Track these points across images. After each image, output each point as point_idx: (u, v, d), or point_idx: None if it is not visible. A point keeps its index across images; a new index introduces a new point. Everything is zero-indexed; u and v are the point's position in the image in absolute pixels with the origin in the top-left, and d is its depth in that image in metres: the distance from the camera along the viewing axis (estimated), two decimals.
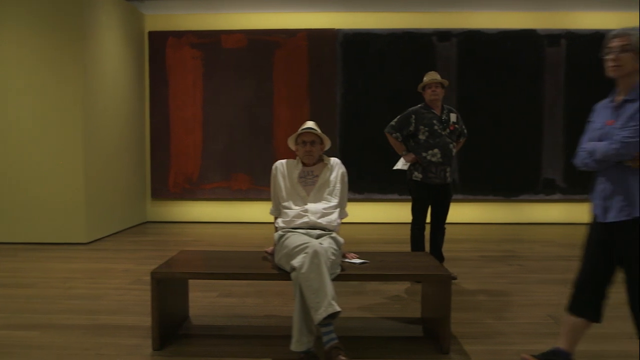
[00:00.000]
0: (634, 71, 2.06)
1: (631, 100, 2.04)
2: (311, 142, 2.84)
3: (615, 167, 2.07)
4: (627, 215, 2.06)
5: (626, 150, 1.99)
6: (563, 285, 3.97)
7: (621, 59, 2.04)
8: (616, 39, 2.06)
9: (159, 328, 2.67)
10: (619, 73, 2.06)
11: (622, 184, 2.07)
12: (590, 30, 7.03)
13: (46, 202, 5.59)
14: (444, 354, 2.65)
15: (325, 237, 2.66)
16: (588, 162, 2.14)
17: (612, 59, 2.06)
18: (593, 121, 2.24)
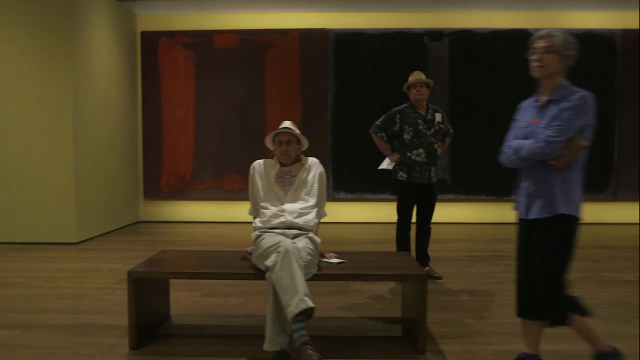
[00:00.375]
0: (557, 72, 2.10)
1: (555, 101, 2.09)
2: (287, 141, 2.85)
3: (539, 165, 2.10)
4: (549, 213, 2.09)
5: (550, 149, 2.02)
6: None
7: (545, 60, 2.08)
8: (541, 41, 2.10)
9: (136, 327, 2.68)
10: (543, 74, 2.10)
11: (545, 182, 2.10)
12: (582, 29, 7.02)
13: (36, 202, 5.60)
14: (420, 354, 2.65)
15: (302, 237, 2.67)
16: (513, 159, 2.16)
17: (536, 59, 2.10)
18: (518, 119, 2.27)
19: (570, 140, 2.03)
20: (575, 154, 2.06)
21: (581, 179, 2.16)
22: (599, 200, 7.18)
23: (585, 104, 2.04)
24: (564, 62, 2.10)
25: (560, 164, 2.06)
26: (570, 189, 2.10)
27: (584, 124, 2.05)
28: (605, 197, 7.14)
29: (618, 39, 6.99)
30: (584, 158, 2.17)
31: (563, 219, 2.09)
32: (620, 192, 7.12)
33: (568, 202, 2.08)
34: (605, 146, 7.10)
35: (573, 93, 2.06)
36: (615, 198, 7.14)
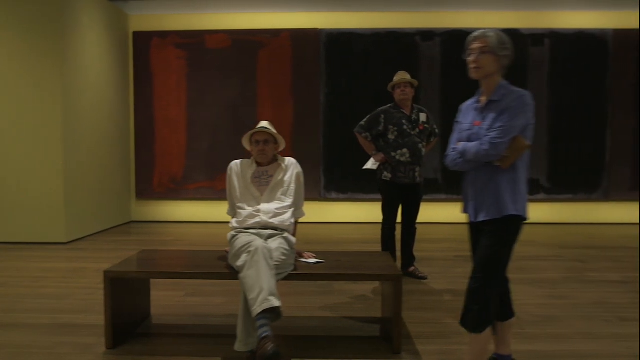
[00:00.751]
0: (494, 72, 2.09)
1: (495, 102, 2.08)
2: (264, 141, 2.85)
3: (485, 167, 2.09)
4: (497, 214, 2.06)
5: (495, 151, 2.01)
6: (531, 285, 3.97)
7: (481, 60, 2.06)
8: (476, 42, 2.08)
9: (112, 327, 2.68)
10: (480, 75, 2.09)
11: (491, 184, 2.08)
12: (574, 29, 7.02)
13: (25, 202, 5.62)
14: (396, 354, 2.65)
15: (277, 237, 2.67)
16: (459, 162, 2.15)
17: (472, 61, 2.09)
18: (460, 122, 2.25)
19: (514, 140, 2.02)
20: (520, 153, 2.05)
21: (526, 178, 2.15)
22: (591, 201, 7.17)
23: (525, 104, 2.04)
24: (500, 62, 2.08)
25: (506, 165, 2.05)
26: (517, 189, 2.08)
27: (525, 124, 2.05)
28: (596, 197, 7.13)
29: (610, 39, 6.98)
30: (528, 157, 2.17)
31: (510, 220, 2.07)
32: (612, 192, 7.11)
33: (516, 202, 2.07)
34: (596, 146, 7.09)
35: (512, 93, 2.06)
36: (606, 198, 7.13)
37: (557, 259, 4.94)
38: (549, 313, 3.30)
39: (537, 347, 2.76)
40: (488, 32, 2.08)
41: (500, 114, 2.03)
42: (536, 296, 3.70)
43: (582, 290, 3.86)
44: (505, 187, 2.06)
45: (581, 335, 2.92)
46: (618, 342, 2.80)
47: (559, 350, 2.71)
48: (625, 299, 3.61)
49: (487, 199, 2.09)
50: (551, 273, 4.39)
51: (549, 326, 3.06)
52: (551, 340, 2.85)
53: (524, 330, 3.01)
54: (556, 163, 7.12)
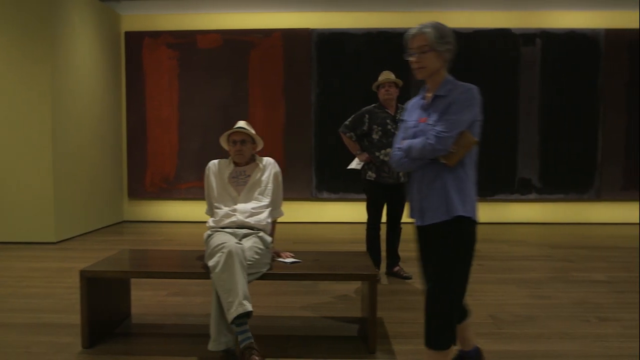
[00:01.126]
0: (440, 68, 1.99)
1: (441, 97, 1.98)
2: (241, 141, 2.85)
3: (431, 165, 1.98)
4: (445, 216, 1.94)
5: (441, 145, 1.90)
6: (516, 286, 3.97)
7: (423, 60, 1.96)
8: (414, 40, 1.97)
9: (88, 326, 2.69)
10: (425, 74, 1.99)
11: (437, 183, 1.97)
12: (565, 29, 7.01)
13: (15, 202, 5.63)
14: (371, 354, 2.66)
15: (251, 236, 2.68)
16: (404, 161, 2.02)
17: (414, 61, 1.98)
18: (406, 120, 2.13)
19: (461, 135, 1.91)
20: (467, 150, 1.93)
21: (474, 178, 2.03)
22: (583, 200, 7.16)
23: (473, 97, 1.93)
24: (442, 57, 1.97)
25: (453, 162, 1.93)
26: (465, 188, 1.96)
27: (472, 118, 1.94)
28: (588, 197, 7.12)
29: (601, 39, 6.97)
30: (476, 155, 2.05)
31: (460, 222, 1.94)
32: (604, 192, 7.10)
33: (464, 202, 1.95)
34: (588, 146, 7.08)
35: (458, 87, 1.96)
36: (598, 198, 7.12)
37: (546, 259, 4.94)
38: (529, 313, 3.30)
39: (514, 347, 2.76)
40: (425, 28, 1.96)
41: (447, 109, 1.93)
42: (519, 296, 3.69)
43: (565, 290, 3.86)
44: (453, 187, 1.94)
45: (558, 335, 2.92)
46: (595, 342, 2.80)
47: (534, 350, 2.71)
48: (607, 299, 3.61)
49: (433, 200, 1.97)
50: (537, 273, 4.38)
51: (527, 326, 3.06)
52: (528, 340, 2.85)
53: (502, 330, 3.00)
54: (548, 163, 7.11)
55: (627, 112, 7.05)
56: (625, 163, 7.07)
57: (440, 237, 1.96)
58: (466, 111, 1.91)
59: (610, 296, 3.67)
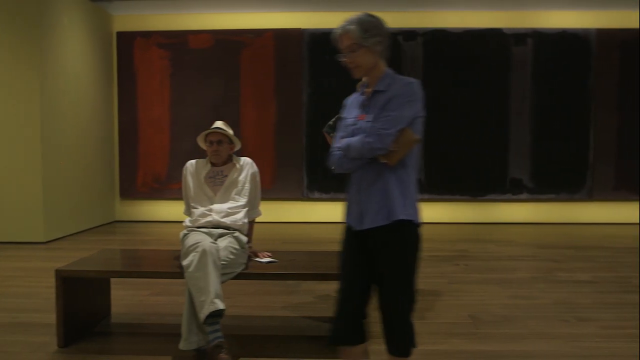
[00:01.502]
0: (375, 63, 1.86)
1: (381, 92, 1.85)
2: (218, 141, 2.86)
3: (370, 165, 1.84)
4: (386, 219, 1.81)
5: (381, 143, 1.77)
6: (498, 286, 3.97)
7: (355, 59, 1.85)
8: (341, 40, 1.86)
9: (63, 325, 2.70)
10: (362, 72, 1.88)
11: (377, 184, 1.83)
12: (557, 29, 7.00)
13: (3, 201, 5.64)
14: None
15: (227, 236, 2.68)
16: (343, 162, 1.88)
17: (347, 62, 1.87)
18: (345, 117, 1.99)
19: (402, 132, 1.79)
20: (408, 148, 1.81)
21: (416, 179, 1.91)
22: (574, 200, 7.16)
23: (414, 92, 1.82)
24: (373, 51, 1.84)
25: (393, 161, 1.80)
26: (407, 190, 1.84)
27: (413, 115, 1.82)
28: (580, 197, 7.12)
29: (593, 39, 6.97)
30: (418, 155, 1.94)
31: (402, 226, 1.82)
32: (596, 192, 7.09)
33: (406, 205, 1.82)
34: (580, 146, 7.07)
35: (399, 81, 1.84)
36: (590, 198, 7.11)
37: (532, 259, 4.94)
38: (508, 313, 3.30)
39: (490, 347, 2.76)
40: (348, 25, 1.83)
41: (387, 104, 1.81)
42: (501, 296, 3.69)
43: (548, 290, 3.86)
44: (394, 188, 1.81)
45: (535, 335, 2.92)
46: (570, 342, 2.80)
47: (509, 350, 2.71)
48: (589, 299, 3.61)
49: (373, 202, 1.83)
50: (521, 273, 4.38)
51: (506, 326, 3.06)
52: (505, 340, 2.85)
53: (480, 330, 3.01)
54: (539, 163, 7.11)
55: (618, 111, 7.04)
56: (617, 163, 7.06)
57: (382, 243, 1.84)
58: (407, 107, 1.80)
59: (592, 296, 3.67)
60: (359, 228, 1.87)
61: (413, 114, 1.82)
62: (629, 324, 3.08)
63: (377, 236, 1.84)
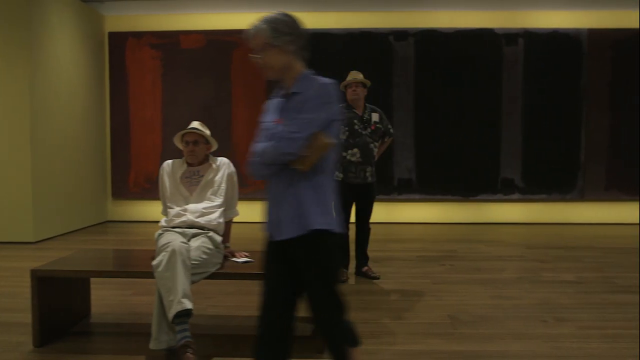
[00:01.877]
0: (289, 63, 1.80)
1: (296, 94, 1.79)
2: (194, 141, 2.86)
3: (285, 172, 1.77)
4: (301, 229, 1.74)
5: (291, 148, 1.69)
6: (482, 286, 3.96)
7: (266, 60, 1.79)
8: (253, 40, 1.80)
9: (39, 325, 2.70)
10: (274, 74, 1.82)
11: (291, 192, 1.76)
12: (548, 29, 7.00)
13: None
14: (319, 353, 2.66)
15: (200, 236, 2.69)
16: (260, 168, 1.79)
17: (258, 62, 1.80)
18: (263, 121, 1.90)
19: (315, 137, 1.70)
20: (321, 153, 1.73)
21: (333, 186, 1.83)
22: (566, 201, 7.15)
23: (328, 94, 1.74)
24: (286, 51, 1.77)
25: (306, 167, 1.72)
26: (323, 197, 1.76)
27: (328, 118, 1.74)
28: (571, 197, 7.11)
29: (584, 39, 6.96)
30: (334, 160, 1.86)
31: (319, 236, 1.74)
32: (587, 192, 7.08)
33: (322, 214, 1.75)
34: (571, 146, 7.06)
35: (314, 82, 1.77)
36: (582, 198, 7.10)
37: (519, 259, 4.93)
38: (488, 313, 3.30)
39: (465, 347, 2.76)
40: (259, 25, 1.77)
41: (300, 106, 1.74)
42: (483, 296, 3.69)
43: (531, 290, 3.85)
44: (308, 196, 1.74)
45: (512, 335, 2.92)
46: (546, 343, 2.79)
47: (484, 350, 2.71)
48: (571, 299, 3.60)
49: (287, 211, 1.76)
50: (507, 273, 4.38)
51: (484, 326, 3.06)
52: (481, 340, 2.85)
53: (457, 330, 3.00)
54: (531, 163, 7.10)
55: (610, 111, 7.03)
56: (609, 163, 7.05)
57: (300, 253, 1.78)
58: (320, 109, 1.72)
59: (575, 297, 3.66)
60: (277, 238, 1.80)
61: (327, 117, 1.74)
62: (608, 325, 3.08)
63: (295, 246, 1.78)
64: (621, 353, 2.65)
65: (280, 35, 1.75)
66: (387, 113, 7.00)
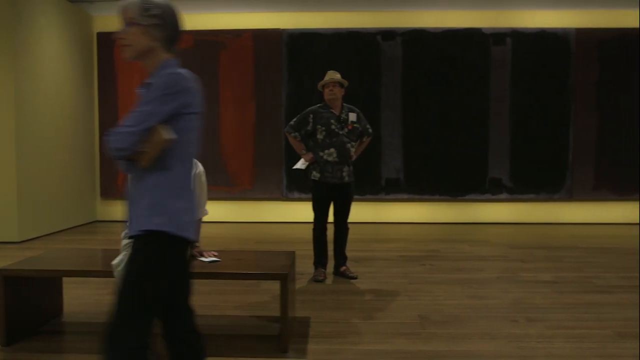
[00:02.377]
0: (151, 48, 1.67)
1: (150, 84, 1.66)
2: None
3: (131, 168, 1.66)
4: (135, 229, 1.63)
5: (123, 143, 1.56)
6: (459, 285, 3.96)
7: (128, 36, 1.65)
8: (122, 13, 1.67)
9: (5, 324, 2.72)
10: (132, 53, 1.67)
11: (140, 190, 1.65)
12: (535, 28, 6.99)
13: None
14: (282, 353, 2.67)
15: None
16: (119, 164, 1.70)
17: (120, 37, 1.66)
18: None
19: (153, 131, 1.57)
20: (159, 149, 1.59)
21: (189, 185, 1.68)
22: (554, 200, 7.14)
23: (171, 85, 1.59)
24: (150, 34, 1.65)
25: (145, 163, 1.60)
26: (163, 196, 1.62)
27: (172, 110, 1.60)
28: (560, 197, 7.09)
29: (572, 38, 6.94)
30: (190, 155, 1.69)
31: (151, 237, 1.61)
32: (575, 192, 7.07)
33: (159, 213, 1.61)
34: (559, 146, 7.05)
35: (163, 72, 1.63)
36: (570, 198, 7.09)
37: (500, 259, 4.93)
38: (460, 313, 3.30)
39: (430, 347, 2.76)
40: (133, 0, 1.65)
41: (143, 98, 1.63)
42: (458, 296, 3.69)
43: (507, 290, 3.85)
44: (147, 194, 1.62)
45: (479, 335, 2.92)
46: (512, 343, 2.79)
47: (448, 350, 2.71)
48: (545, 299, 3.60)
49: (133, 210, 1.66)
50: (486, 273, 4.37)
51: (453, 326, 3.06)
52: (447, 340, 2.85)
53: (425, 330, 3.01)
54: (519, 163, 7.09)
55: (598, 111, 7.01)
56: (597, 162, 7.04)
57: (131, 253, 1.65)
58: (163, 101, 1.58)
59: (549, 297, 3.66)
60: (128, 236, 1.70)
61: (171, 110, 1.59)
62: (577, 325, 3.08)
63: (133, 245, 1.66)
64: (584, 353, 2.65)
65: (149, 16, 1.64)
66: (375, 113, 7.02)
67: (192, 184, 1.72)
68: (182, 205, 1.65)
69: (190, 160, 1.70)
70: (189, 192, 1.69)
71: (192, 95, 1.65)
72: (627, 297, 3.61)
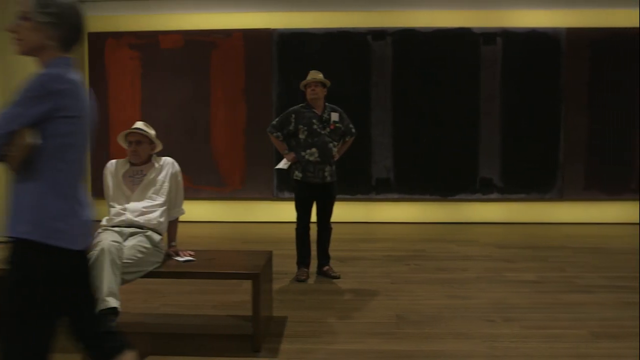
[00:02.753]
0: (41, 46, 1.58)
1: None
2: (137, 141, 2.89)
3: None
4: (7, 234, 1.57)
5: None
6: (440, 285, 3.96)
7: (20, 30, 1.57)
8: (17, 6, 1.59)
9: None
10: (23, 49, 1.60)
11: (14, 192, 1.61)
12: (526, 28, 6.97)
13: None
14: (255, 352, 2.67)
15: (138, 235, 2.70)
16: None
17: (12, 29, 1.59)
18: None
19: (19, 135, 1.52)
20: (24, 152, 1.53)
21: (62, 189, 1.59)
22: (545, 200, 7.12)
23: (41, 86, 1.52)
24: (43, 31, 1.57)
25: (14, 167, 1.57)
26: (31, 202, 1.55)
27: (41, 114, 1.52)
28: (550, 196, 7.08)
29: (562, 38, 6.92)
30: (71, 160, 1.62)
31: (17, 245, 1.55)
32: (566, 191, 7.05)
33: (22, 221, 1.55)
34: (550, 145, 7.03)
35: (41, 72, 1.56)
36: (561, 198, 7.07)
37: (485, 259, 4.92)
38: (437, 313, 3.29)
39: (403, 346, 2.76)
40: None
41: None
42: (438, 296, 3.69)
43: (488, 290, 3.85)
44: (18, 198, 1.58)
45: (453, 335, 2.92)
46: (484, 342, 2.79)
47: (420, 350, 2.71)
48: (525, 299, 3.59)
49: (9, 213, 1.61)
50: (469, 273, 4.37)
51: (428, 326, 3.06)
52: (420, 339, 2.85)
53: (401, 330, 3.01)
54: (509, 162, 7.07)
55: (588, 111, 6.99)
56: (588, 162, 7.01)
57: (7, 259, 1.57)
58: (28, 103, 1.51)
59: (529, 296, 3.65)
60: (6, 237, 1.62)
61: (39, 113, 1.52)
62: (553, 325, 3.07)
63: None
64: (558, 353, 2.65)
65: (43, 13, 1.56)
66: (365, 112, 7.01)
67: (77, 190, 1.64)
68: (55, 213, 1.56)
69: (72, 165, 1.62)
70: (66, 198, 1.59)
71: (69, 98, 1.56)
72: (607, 297, 3.60)
